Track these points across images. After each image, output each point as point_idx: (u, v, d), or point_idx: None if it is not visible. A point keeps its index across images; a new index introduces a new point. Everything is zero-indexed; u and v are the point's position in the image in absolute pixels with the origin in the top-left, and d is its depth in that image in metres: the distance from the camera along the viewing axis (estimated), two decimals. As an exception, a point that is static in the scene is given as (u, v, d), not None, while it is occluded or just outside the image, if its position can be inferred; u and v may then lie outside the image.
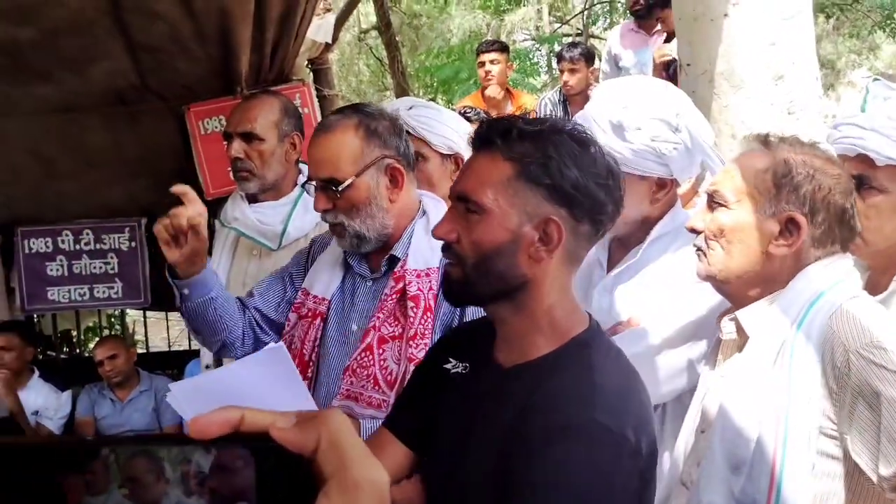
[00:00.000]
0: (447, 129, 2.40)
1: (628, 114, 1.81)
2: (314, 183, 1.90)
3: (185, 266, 1.92)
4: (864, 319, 1.42)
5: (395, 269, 1.90)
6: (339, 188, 1.84)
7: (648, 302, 1.83)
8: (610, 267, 1.95)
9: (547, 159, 1.29)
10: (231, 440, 0.48)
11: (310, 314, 1.98)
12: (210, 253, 3.07)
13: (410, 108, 2.44)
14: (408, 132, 2.40)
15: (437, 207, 1.97)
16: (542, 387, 1.28)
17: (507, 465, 1.23)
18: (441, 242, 1.52)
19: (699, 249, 1.62)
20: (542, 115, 5.32)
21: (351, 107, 2.01)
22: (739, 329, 1.57)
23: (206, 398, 1.79)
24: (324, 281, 2.00)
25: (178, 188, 1.89)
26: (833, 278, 1.51)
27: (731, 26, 2.75)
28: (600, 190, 1.31)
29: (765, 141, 1.58)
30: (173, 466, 0.48)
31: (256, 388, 1.78)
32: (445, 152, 2.38)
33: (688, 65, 2.91)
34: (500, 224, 1.31)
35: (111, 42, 3.26)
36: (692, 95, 2.23)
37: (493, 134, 1.34)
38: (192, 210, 1.85)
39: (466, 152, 1.81)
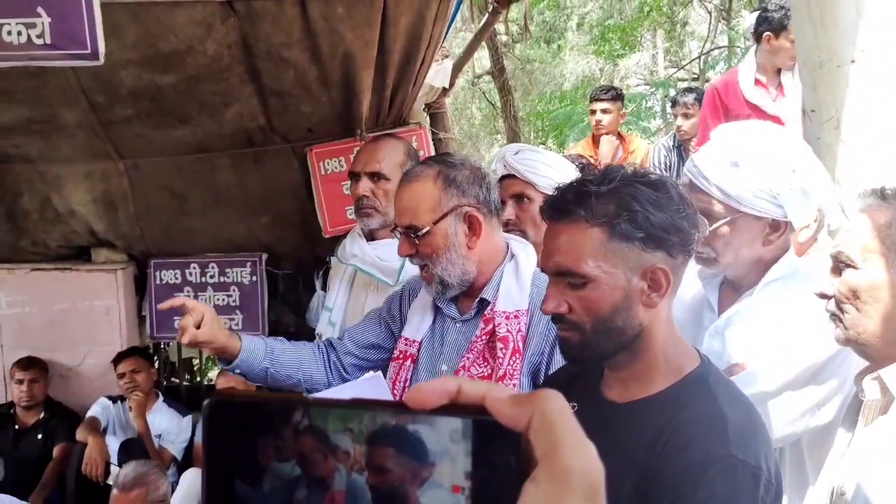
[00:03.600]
0: (551, 170, 2.50)
1: (746, 153, 1.80)
2: (399, 229, 1.99)
3: (224, 356, 2.05)
4: None
5: (485, 312, 1.95)
6: (419, 234, 1.93)
7: (761, 345, 1.80)
8: (721, 309, 1.92)
9: (633, 213, 1.32)
10: (449, 411, 0.46)
11: (401, 356, 2.06)
12: (325, 288, 3.21)
13: (517, 153, 2.57)
14: (513, 175, 2.49)
15: (524, 251, 2.02)
16: (671, 422, 1.31)
17: (648, 502, 1.26)
18: (529, 283, 1.53)
19: (833, 315, 1.55)
20: (656, 161, 5.28)
21: (434, 157, 2.12)
22: (884, 388, 1.50)
23: None
24: (414, 324, 2.08)
25: (166, 305, 2.02)
26: None
27: (859, 72, 2.66)
28: (684, 222, 1.35)
29: (881, 194, 1.52)
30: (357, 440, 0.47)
31: None
32: (551, 193, 2.43)
33: (812, 111, 2.83)
34: (610, 286, 1.35)
35: (243, 87, 3.47)
36: (817, 142, 2.18)
37: (571, 204, 1.37)
38: (194, 318, 1.95)
39: None
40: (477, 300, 1.98)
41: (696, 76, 12.32)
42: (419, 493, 0.45)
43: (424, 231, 1.93)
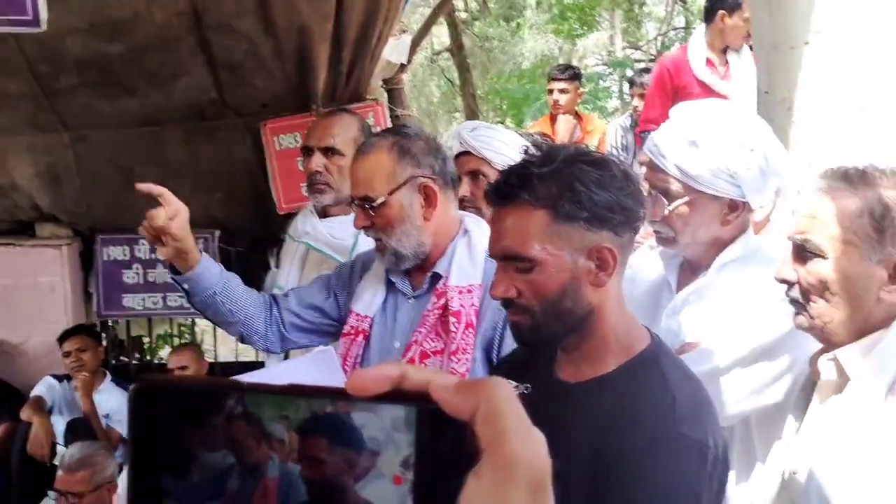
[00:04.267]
0: (507, 147, 2.49)
1: (704, 132, 1.80)
2: (355, 202, 1.97)
3: (179, 263, 1.98)
4: None
5: (438, 286, 1.94)
6: (374, 206, 1.91)
7: (716, 324, 1.81)
8: (679, 289, 1.93)
9: (576, 194, 1.32)
10: (391, 398, 0.43)
11: (352, 332, 2.03)
12: (278, 266, 3.17)
13: (473, 129, 2.57)
14: (469, 152, 2.48)
15: (478, 226, 2.01)
16: (621, 402, 1.32)
17: (599, 482, 1.28)
18: (483, 258, 1.52)
19: (795, 302, 1.53)
20: (612, 141, 5.31)
21: (389, 129, 2.09)
22: (839, 369, 1.49)
23: None
24: (366, 299, 2.05)
25: (145, 187, 1.94)
26: None
27: (812, 54, 2.68)
28: (628, 199, 1.35)
29: (847, 177, 1.49)
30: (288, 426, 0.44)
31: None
32: None
33: (766, 92, 2.86)
34: (557, 268, 1.35)
35: (194, 59, 3.38)
36: (770, 123, 2.19)
37: (514, 187, 1.36)
38: (167, 212, 1.90)
39: None
40: (430, 274, 1.97)
41: (653, 57, 12.40)
42: (359, 485, 0.43)
43: (379, 202, 1.91)
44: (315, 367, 1.90)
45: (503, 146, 2.50)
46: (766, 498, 1.60)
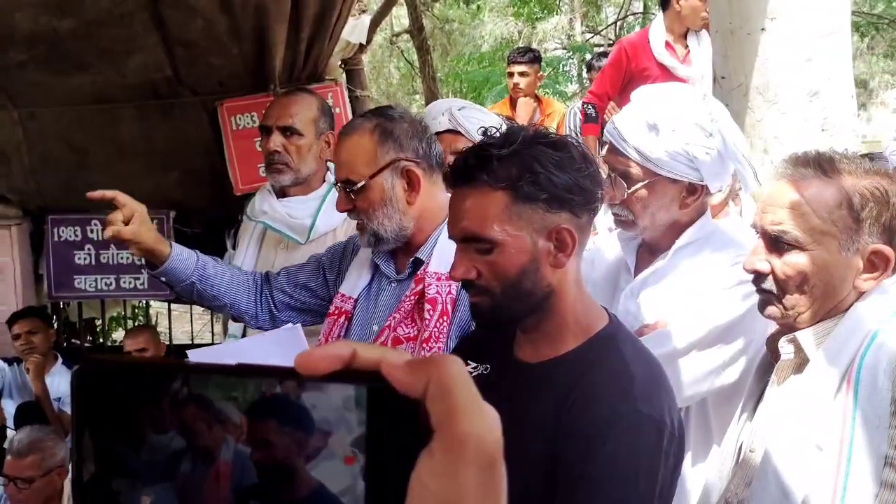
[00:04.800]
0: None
1: (664, 116, 1.81)
2: (338, 185, 1.95)
3: (151, 259, 2.02)
4: None
5: (419, 272, 1.91)
6: (354, 189, 1.88)
7: (675, 306, 1.83)
8: (637, 271, 1.95)
9: (535, 175, 1.32)
10: (341, 378, 0.43)
11: (336, 312, 2.01)
12: (235, 246, 3.13)
13: (461, 108, 2.52)
14: (456, 132, 2.45)
15: None
16: (580, 380, 1.33)
17: (558, 459, 1.29)
18: None
19: (767, 292, 1.51)
20: (571, 125, 5.33)
21: (375, 109, 2.05)
22: (798, 349, 1.50)
23: None
24: (352, 280, 2.03)
25: (97, 194, 1.96)
26: None
27: (768, 41, 2.72)
28: (587, 180, 1.36)
29: (816, 164, 1.47)
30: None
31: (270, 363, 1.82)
32: None
33: (722, 78, 2.89)
34: (516, 249, 1.35)
35: (148, 35, 3.31)
36: (726, 108, 2.22)
37: (474, 169, 1.36)
38: (124, 214, 1.94)
39: None
40: (412, 260, 1.94)
41: (611, 42, 12.47)
42: (309, 465, 0.42)
43: (360, 185, 1.88)
44: (279, 343, 1.88)
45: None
46: (723, 475, 1.63)
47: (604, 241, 2.06)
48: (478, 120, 2.47)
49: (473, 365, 1.50)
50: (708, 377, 1.80)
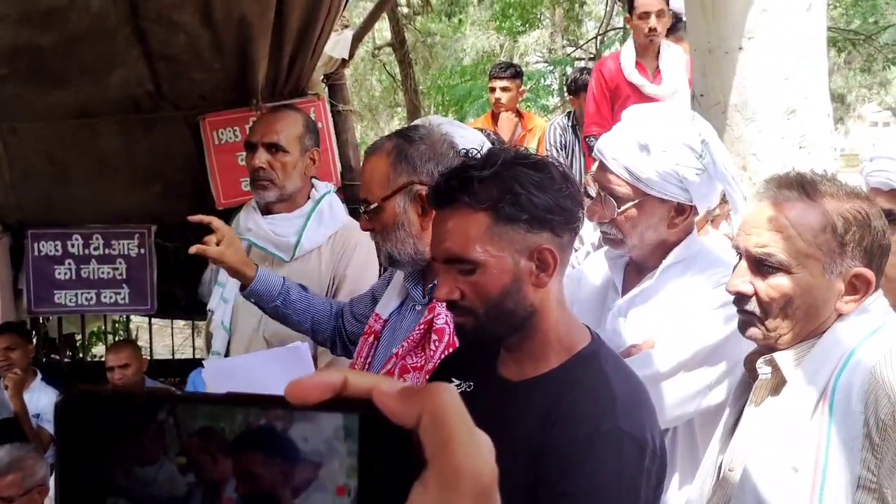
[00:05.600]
0: (472, 145, 2.46)
1: (655, 136, 1.83)
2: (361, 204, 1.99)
3: (239, 279, 2.17)
4: None
5: (433, 300, 1.89)
6: (369, 210, 1.90)
7: (662, 326, 1.84)
8: (625, 290, 1.96)
9: (516, 196, 1.34)
10: (332, 406, 0.42)
11: (368, 331, 2.03)
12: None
13: (440, 125, 2.50)
14: None
15: None
16: (562, 399, 1.34)
17: (540, 478, 1.30)
18: None
19: (751, 314, 1.51)
20: (551, 140, 5.36)
21: (401, 129, 2.05)
22: (776, 370, 1.51)
23: (233, 380, 1.85)
24: (385, 301, 2.05)
25: (196, 218, 2.14)
26: (875, 321, 1.46)
27: (745, 60, 2.76)
28: (568, 200, 1.37)
29: (799, 186, 1.48)
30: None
31: (277, 382, 1.81)
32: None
33: (701, 95, 2.93)
34: (499, 270, 1.36)
35: (129, 50, 3.30)
36: (705, 127, 2.25)
37: (455, 190, 1.38)
38: (217, 238, 2.11)
39: None
40: (430, 286, 1.92)
41: (592, 55, 12.56)
42: (301, 497, 0.42)
43: (374, 207, 1.89)
44: (282, 361, 1.89)
45: (469, 144, 2.47)
46: (704, 493, 1.64)
47: (591, 260, 2.08)
48: (460, 137, 2.47)
49: (457, 382, 1.51)
50: (695, 398, 1.81)
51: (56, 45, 3.20)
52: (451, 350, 1.79)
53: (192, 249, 2.09)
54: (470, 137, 2.48)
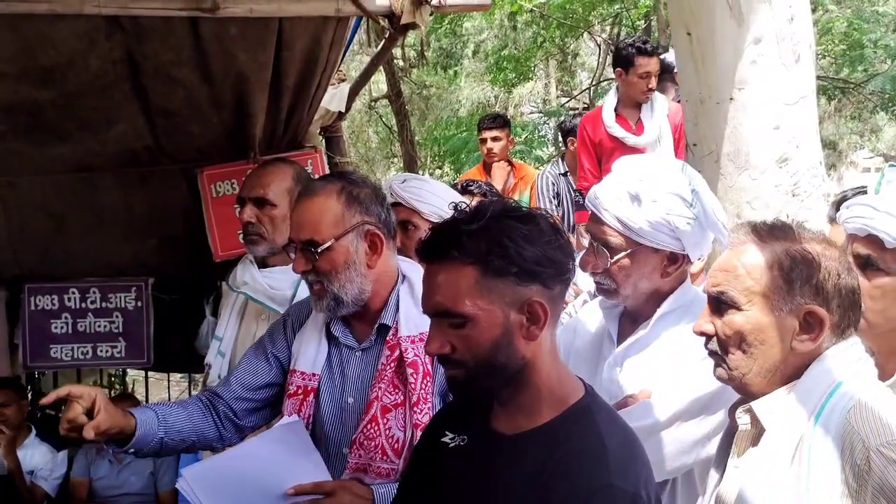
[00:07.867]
0: (436, 198, 2.58)
1: (645, 186, 1.85)
2: (297, 244, 1.93)
3: (117, 437, 1.86)
4: (883, 415, 1.38)
5: (388, 338, 1.91)
6: (319, 250, 1.88)
7: (658, 376, 1.84)
8: (620, 340, 1.96)
9: (504, 249, 1.35)
10: None
11: (300, 391, 1.97)
12: (215, 314, 3.11)
13: (403, 181, 2.67)
14: (399, 203, 2.52)
15: (416, 271, 1.99)
16: (555, 454, 1.33)
17: None
18: None
19: (714, 354, 1.56)
20: (543, 188, 5.38)
21: (335, 173, 2.08)
22: (754, 420, 1.52)
23: (222, 480, 1.77)
24: (309, 356, 1.98)
25: (50, 399, 1.84)
26: (849, 366, 1.48)
27: (737, 110, 2.80)
28: (557, 252, 1.38)
29: (755, 231, 1.55)
30: None
31: (275, 464, 1.78)
32: (434, 220, 2.49)
33: (694, 144, 2.96)
34: (489, 323, 1.36)
35: (128, 105, 3.33)
36: (698, 175, 2.27)
37: (444, 244, 1.39)
38: (83, 405, 1.79)
39: None
40: (376, 326, 1.94)
41: (586, 105, 12.72)
42: None
43: (325, 246, 1.88)
44: (283, 441, 1.86)
45: (432, 197, 2.59)
46: None
47: (587, 309, 2.08)
48: (419, 189, 2.61)
49: (451, 436, 1.50)
50: (693, 448, 1.80)
51: (55, 101, 3.24)
52: (427, 379, 1.83)
53: (88, 436, 1.74)
54: (432, 189, 2.62)
